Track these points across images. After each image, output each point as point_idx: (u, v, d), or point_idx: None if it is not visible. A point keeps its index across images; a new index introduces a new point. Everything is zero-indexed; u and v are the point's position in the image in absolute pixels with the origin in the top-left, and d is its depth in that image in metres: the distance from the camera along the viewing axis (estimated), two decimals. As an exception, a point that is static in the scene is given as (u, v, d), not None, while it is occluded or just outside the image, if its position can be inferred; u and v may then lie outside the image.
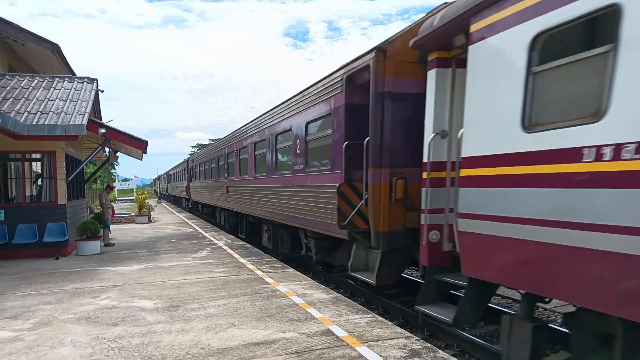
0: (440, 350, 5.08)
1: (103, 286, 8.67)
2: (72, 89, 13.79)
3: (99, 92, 15.32)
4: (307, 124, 9.81)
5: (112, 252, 13.34)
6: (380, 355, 4.89)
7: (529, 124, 4.29)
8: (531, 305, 5.07)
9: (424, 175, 6.02)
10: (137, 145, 14.64)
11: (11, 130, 10.17)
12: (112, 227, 15.88)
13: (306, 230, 10.32)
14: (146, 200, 27.17)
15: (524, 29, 4.31)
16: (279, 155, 11.95)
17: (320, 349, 5.12)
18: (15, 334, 5.90)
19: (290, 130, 10.83)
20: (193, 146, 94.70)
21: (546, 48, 4.19)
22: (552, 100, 4.25)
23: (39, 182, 13.45)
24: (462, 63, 5.46)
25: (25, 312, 6.91)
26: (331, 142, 8.57)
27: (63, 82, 14.34)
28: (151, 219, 25.40)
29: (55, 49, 16.62)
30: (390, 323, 6.19)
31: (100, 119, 17.68)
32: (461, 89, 5.48)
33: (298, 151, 10.26)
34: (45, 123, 11.42)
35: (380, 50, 6.98)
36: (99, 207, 16.92)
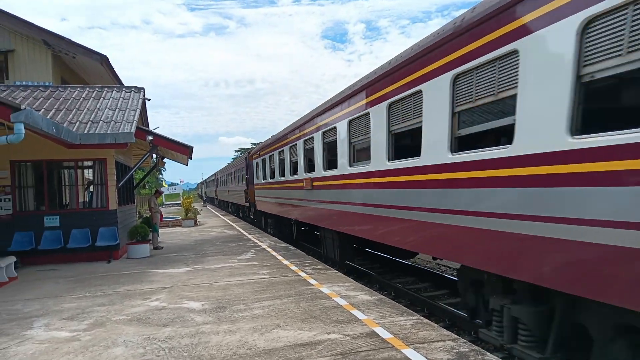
0: (488, 353, 4.97)
1: (153, 288, 8.94)
2: (121, 98, 14.31)
3: (146, 101, 15.83)
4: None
5: (161, 255, 13.74)
6: (427, 358, 4.82)
7: None
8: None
9: None
10: (183, 151, 15.04)
11: (65, 140, 10.66)
12: (160, 230, 16.32)
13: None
14: (192, 204, 27.84)
15: None
16: None
17: (365, 350, 5.11)
18: (72, 334, 6.17)
19: None
20: (236, 150, 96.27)
21: None
22: None
23: (91, 188, 14.01)
24: None
25: (81, 314, 7.21)
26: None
27: (112, 92, 14.91)
28: (197, 222, 25.98)
29: (103, 60, 17.33)
30: (436, 325, 6.10)
31: (148, 126, 18.28)
32: None
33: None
34: (96, 132, 11.90)
35: None
36: (148, 211, 17.44)
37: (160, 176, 69.97)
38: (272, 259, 12.07)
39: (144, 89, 15.39)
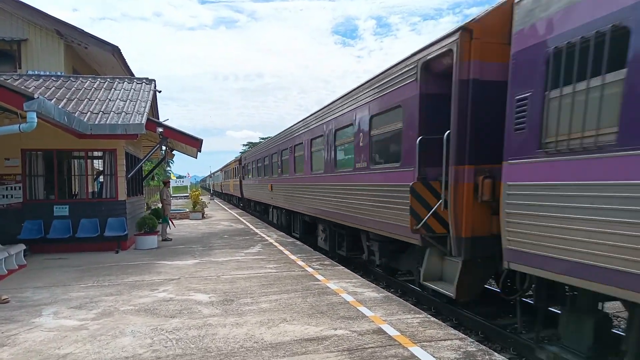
0: (495, 354, 4.95)
1: (161, 279, 8.98)
2: (132, 90, 14.35)
3: (157, 93, 15.87)
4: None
5: (169, 246, 13.80)
6: (434, 356, 4.81)
7: None
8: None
9: None
10: (193, 144, 15.07)
11: (76, 130, 10.70)
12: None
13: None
14: (200, 197, 27.92)
15: None
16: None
17: (372, 347, 5.10)
18: (80, 322, 6.21)
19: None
20: (244, 144, 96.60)
21: None
22: None
23: (101, 179, 14.08)
24: None
25: (89, 303, 7.26)
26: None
27: (123, 83, 14.95)
28: (204, 215, 26.06)
29: (115, 51, 17.38)
30: (443, 324, 6.08)
31: (158, 118, 18.33)
32: None
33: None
34: (107, 122, 11.94)
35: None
36: (157, 203, 17.51)
37: (169, 168, 70.27)
38: (279, 253, 12.09)
39: (154, 81, 15.42)
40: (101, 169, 13.99)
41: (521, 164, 5.20)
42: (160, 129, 13.57)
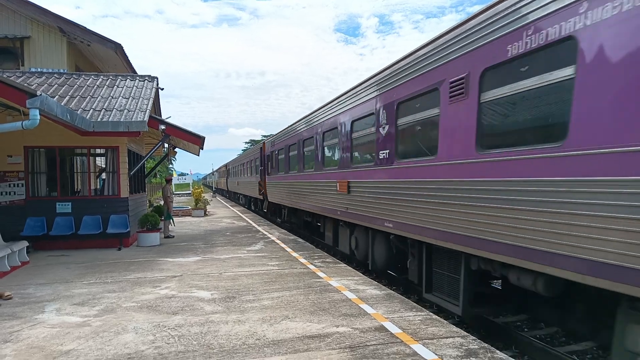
0: (498, 351, 4.94)
1: (163, 276, 9.00)
2: (134, 87, 14.37)
3: (159, 90, 15.87)
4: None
5: (171, 243, 13.82)
6: (436, 354, 4.81)
7: None
8: None
9: None
10: (195, 141, 15.07)
11: (78, 127, 10.71)
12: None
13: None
14: (202, 195, 27.95)
15: None
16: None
17: (374, 344, 5.10)
18: (82, 319, 6.23)
19: None
20: (246, 142, 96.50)
21: None
22: None
23: (103, 176, 14.09)
24: None
25: (91, 300, 7.27)
26: None
27: (125, 80, 14.96)
28: (207, 213, 26.08)
29: (118, 48, 17.40)
30: (445, 322, 6.08)
31: (160, 115, 18.36)
32: None
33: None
34: (109, 120, 11.95)
35: None
36: (159, 200, 17.53)
37: (171, 166, 70.30)
38: (281, 250, 12.10)
39: (157, 78, 15.43)
40: (104, 166, 14.00)
41: None
42: (163, 127, 13.58)
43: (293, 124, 16.39)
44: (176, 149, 20.40)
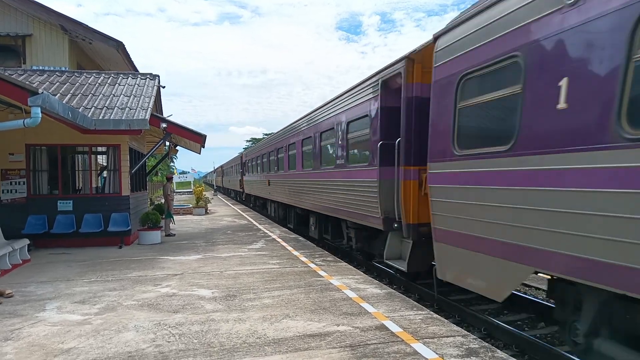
0: (498, 350, 4.93)
1: (164, 275, 9.01)
2: (136, 85, 14.36)
3: (161, 88, 15.87)
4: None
5: (172, 242, 13.83)
6: (436, 353, 4.81)
7: None
8: None
9: None
10: (196, 140, 15.08)
11: (80, 125, 10.72)
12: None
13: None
14: (203, 193, 27.94)
15: None
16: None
17: (374, 343, 5.10)
18: (83, 317, 6.23)
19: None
20: (247, 140, 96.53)
21: None
22: None
23: (104, 174, 14.10)
24: None
25: (92, 298, 7.28)
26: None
27: (127, 78, 14.96)
28: (208, 211, 26.09)
29: (119, 46, 17.39)
30: (446, 321, 6.07)
31: (162, 113, 18.36)
32: None
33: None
34: (111, 118, 11.95)
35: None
36: (160, 198, 17.55)
37: (172, 164, 70.30)
38: (282, 249, 12.10)
39: (159, 76, 15.41)
40: (105, 164, 14.01)
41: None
42: (164, 125, 13.58)
43: (254, 145, 29.54)
44: (177, 147, 20.40)
